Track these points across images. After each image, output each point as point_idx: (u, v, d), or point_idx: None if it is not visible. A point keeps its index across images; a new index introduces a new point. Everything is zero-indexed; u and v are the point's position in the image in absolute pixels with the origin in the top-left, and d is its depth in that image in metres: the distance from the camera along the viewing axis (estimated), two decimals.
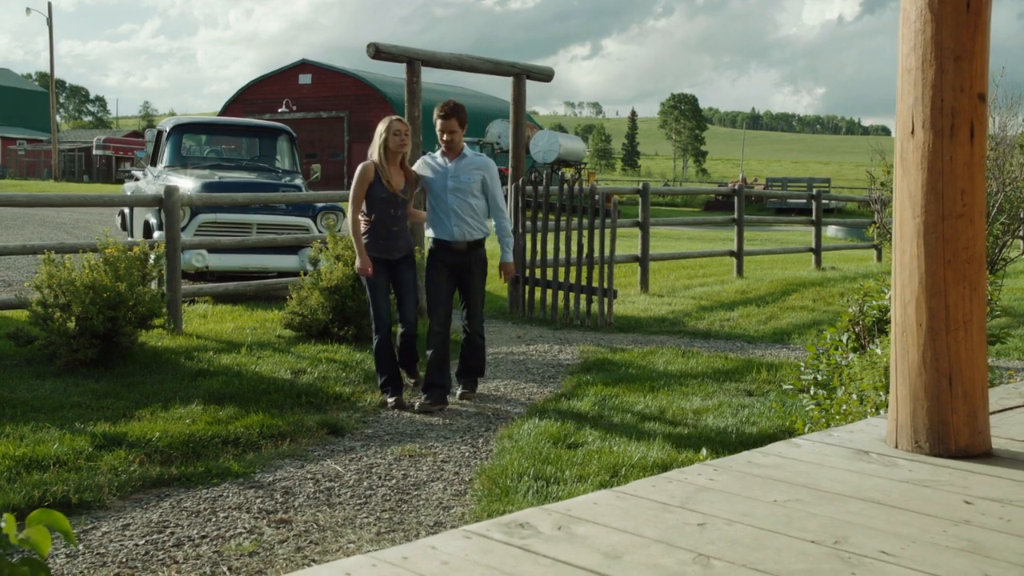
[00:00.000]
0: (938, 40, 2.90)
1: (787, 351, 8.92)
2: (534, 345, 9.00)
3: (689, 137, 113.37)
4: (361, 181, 6.28)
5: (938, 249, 2.95)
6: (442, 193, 6.42)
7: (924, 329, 2.99)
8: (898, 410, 3.09)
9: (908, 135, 3.00)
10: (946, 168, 2.93)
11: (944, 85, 2.91)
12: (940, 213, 2.94)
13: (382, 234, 6.34)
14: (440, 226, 6.47)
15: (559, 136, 39.71)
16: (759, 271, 14.60)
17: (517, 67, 10.77)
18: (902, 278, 3.05)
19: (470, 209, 6.46)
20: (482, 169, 6.50)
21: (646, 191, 12.52)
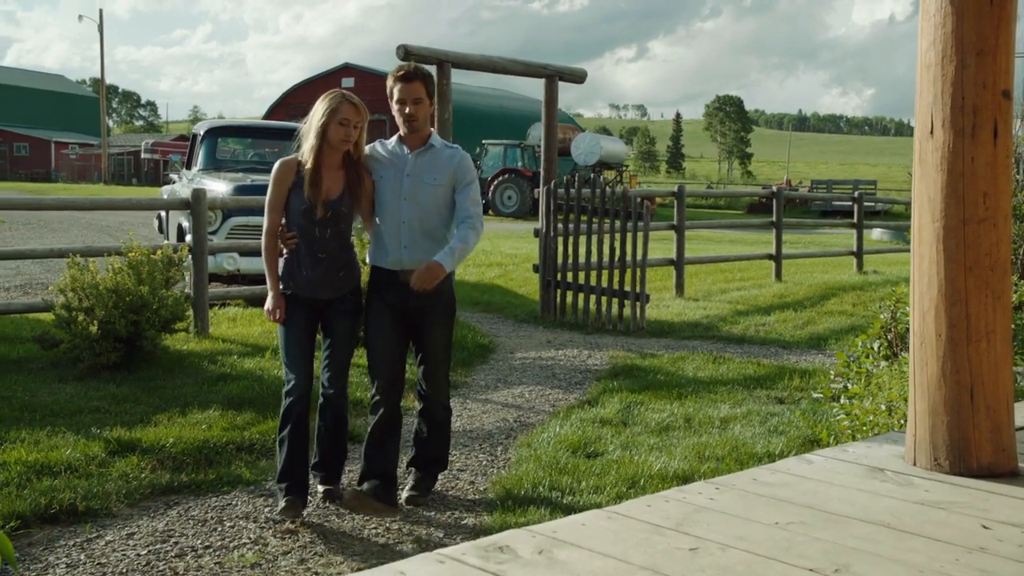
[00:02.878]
0: (959, 34, 2.73)
1: (823, 357, 8.70)
2: (563, 350, 8.86)
3: (734, 139, 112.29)
4: (276, 183, 4.39)
5: (958, 255, 2.78)
6: (392, 197, 4.40)
7: (944, 340, 2.83)
8: (916, 425, 2.93)
9: (927, 135, 2.84)
10: (967, 170, 2.76)
11: (965, 82, 2.74)
12: (961, 217, 2.78)
13: (304, 262, 4.38)
14: (382, 247, 4.46)
15: (600, 138, 39.49)
16: (798, 275, 14.33)
17: (549, 68, 10.66)
18: (920, 286, 2.88)
19: (431, 225, 4.41)
20: (455, 166, 4.48)
21: (681, 194, 12.33)
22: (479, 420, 6.33)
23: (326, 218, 4.35)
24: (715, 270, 14.57)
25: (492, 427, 6.16)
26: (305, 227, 4.36)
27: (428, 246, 4.40)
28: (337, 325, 4.48)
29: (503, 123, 45.29)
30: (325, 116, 4.28)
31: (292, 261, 4.43)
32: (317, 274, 4.41)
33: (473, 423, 6.24)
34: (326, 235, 4.39)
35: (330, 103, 4.28)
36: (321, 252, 4.39)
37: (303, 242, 4.38)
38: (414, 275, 4.27)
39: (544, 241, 10.56)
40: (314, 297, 4.44)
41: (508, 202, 32.56)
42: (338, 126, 4.28)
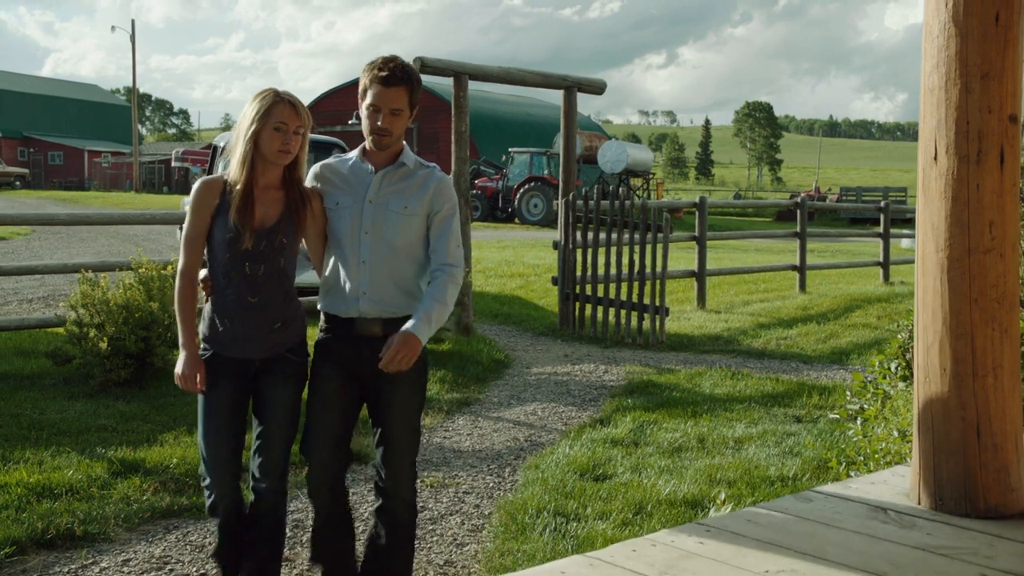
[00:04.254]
0: (963, 57, 2.62)
1: (844, 373, 8.54)
2: (580, 365, 8.76)
3: (764, 145, 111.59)
4: (195, 209, 3.37)
5: (963, 286, 2.67)
6: (350, 228, 3.45)
7: (949, 374, 2.71)
8: (921, 462, 2.81)
9: (931, 161, 2.72)
10: (972, 197, 2.65)
11: (970, 106, 2.63)
12: (966, 247, 2.66)
13: (229, 310, 3.37)
14: (336, 291, 3.50)
15: (627, 146, 39.29)
16: (823, 286, 14.13)
17: (568, 79, 10.57)
18: (924, 318, 2.77)
19: (397, 265, 3.47)
20: (432, 191, 3.48)
21: (703, 205, 12.20)
22: (489, 439, 6.24)
23: (258, 250, 3.32)
24: (738, 281, 14.41)
25: (502, 446, 6.07)
26: (231, 263, 3.31)
27: (393, 293, 3.45)
28: (274, 395, 3.40)
29: (530, 131, 45.26)
30: (256, 121, 3.30)
31: (211, 310, 3.39)
32: (246, 326, 3.35)
33: (483, 442, 6.16)
34: (258, 273, 3.33)
35: (261, 104, 3.33)
36: (252, 295, 3.33)
37: (229, 283, 3.33)
38: (386, 353, 3.30)
39: (563, 254, 10.46)
40: (242, 358, 3.36)
41: (534, 210, 32.43)
42: (273, 132, 3.29)
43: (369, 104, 3.41)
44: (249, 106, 3.38)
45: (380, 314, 3.44)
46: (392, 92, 3.39)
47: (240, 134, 3.35)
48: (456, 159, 9.74)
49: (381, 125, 3.40)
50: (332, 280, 3.53)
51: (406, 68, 3.42)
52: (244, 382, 3.42)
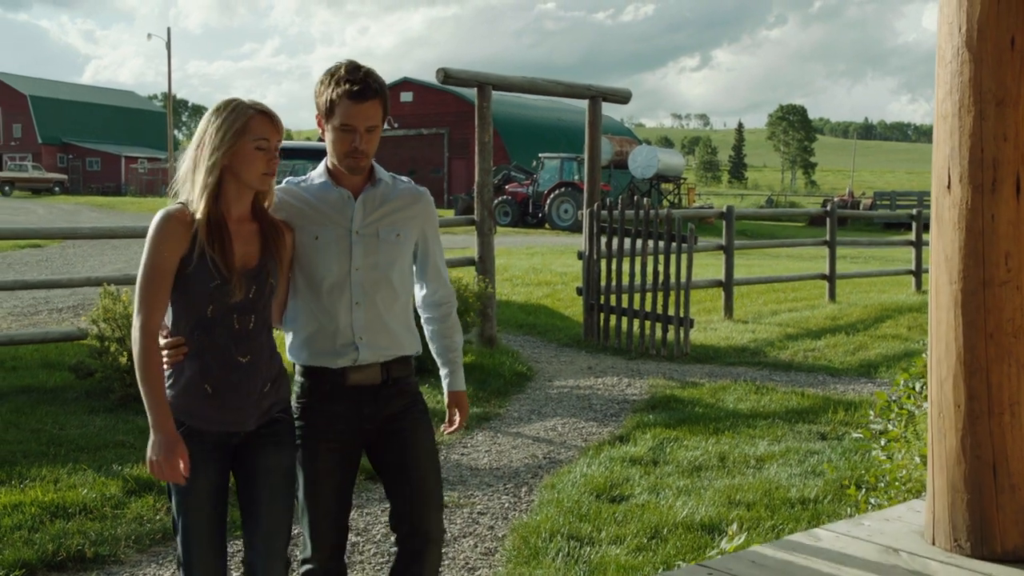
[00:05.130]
0: (977, 82, 2.53)
1: (872, 386, 8.40)
2: (603, 377, 8.68)
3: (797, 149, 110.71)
4: (159, 247, 2.71)
5: (978, 320, 2.57)
6: (337, 266, 2.98)
7: (963, 412, 2.62)
8: (935, 501, 2.72)
9: (944, 190, 2.64)
10: (987, 228, 2.55)
11: (984, 133, 2.54)
12: (981, 279, 2.57)
13: (212, 374, 2.77)
14: (322, 340, 3.00)
15: (658, 151, 39.15)
16: (854, 295, 13.93)
17: (593, 89, 10.50)
18: (938, 351, 2.68)
19: (394, 299, 3.06)
20: (422, 210, 3.13)
21: (730, 214, 12.07)
22: (507, 456, 6.18)
23: (247, 299, 2.77)
24: (767, 289, 14.24)
25: (520, 464, 6.01)
26: (215, 316, 2.74)
27: (392, 333, 3.04)
28: (267, 464, 2.85)
29: (560, 136, 45.20)
30: (229, 139, 2.73)
31: (188, 375, 2.76)
32: (237, 392, 2.77)
33: (501, 459, 6.10)
34: (248, 325, 2.79)
35: (232, 117, 2.75)
36: (242, 354, 2.77)
37: (211, 341, 2.75)
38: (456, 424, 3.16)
39: (587, 264, 10.39)
40: (228, 431, 2.80)
41: (564, 215, 32.38)
42: (253, 152, 2.75)
43: (340, 124, 2.92)
44: (213, 122, 2.78)
45: (379, 358, 3.01)
46: (366, 108, 2.91)
47: (203, 156, 2.75)
48: (480, 170, 9.70)
49: (359, 147, 2.93)
50: (310, 328, 3.00)
51: (376, 78, 2.97)
52: (225, 459, 2.83)
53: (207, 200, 2.75)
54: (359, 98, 2.89)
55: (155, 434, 2.67)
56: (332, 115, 2.92)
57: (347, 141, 2.92)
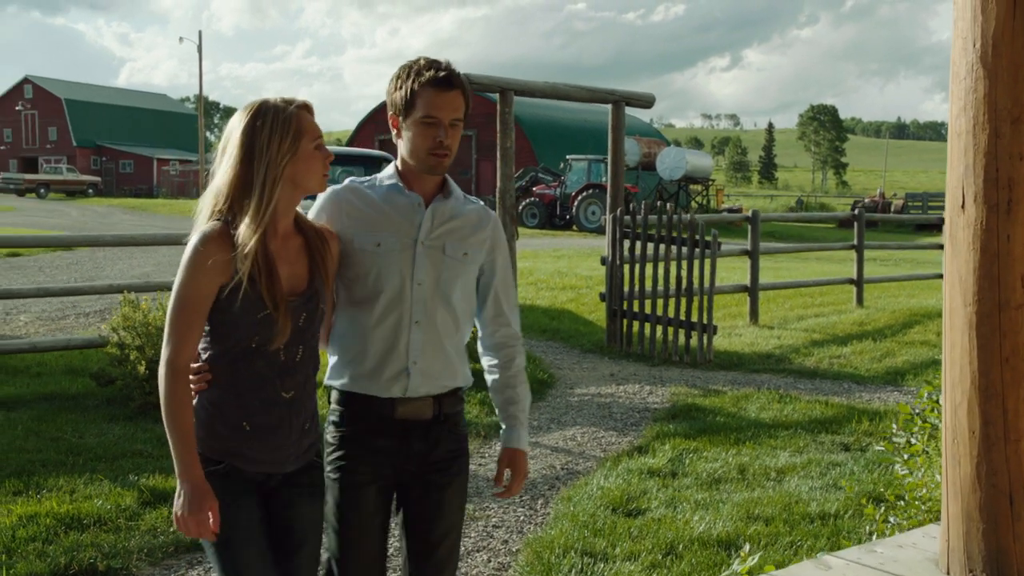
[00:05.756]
0: (992, 100, 2.46)
1: (898, 395, 8.27)
2: (624, 385, 8.61)
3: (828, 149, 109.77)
4: (198, 275, 2.42)
5: (994, 344, 2.50)
6: (395, 277, 2.69)
7: (978, 438, 2.54)
8: (950, 529, 2.64)
9: (958, 210, 2.56)
10: (1003, 249, 2.48)
11: (999, 152, 2.47)
12: (996, 302, 2.49)
13: (253, 412, 2.50)
14: (369, 362, 2.70)
15: (686, 152, 38.95)
16: (882, 299, 13.75)
17: (616, 94, 10.43)
18: (952, 375, 2.60)
19: (453, 323, 2.77)
20: (491, 231, 2.84)
21: (755, 219, 11.95)
22: None
23: (296, 328, 2.51)
24: (794, 294, 14.09)
25: (537, 475, 5.96)
26: (261, 350, 2.47)
27: (445, 363, 2.74)
28: (301, 514, 2.60)
29: (588, 137, 45.06)
30: (291, 144, 2.46)
31: (225, 412, 2.48)
32: (279, 432, 2.52)
33: None
34: (295, 358, 2.53)
35: (284, 119, 2.46)
36: (288, 390, 2.52)
37: (252, 375, 2.48)
38: (512, 484, 2.85)
39: (610, 270, 10.32)
40: (267, 472, 2.53)
41: (592, 217, 32.31)
42: (315, 153, 2.51)
43: (424, 116, 2.64)
44: (262, 131, 2.45)
45: (430, 390, 2.71)
46: (451, 98, 2.66)
47: (260, 170, 2.43)
48: (501, 176, 9.67)
49: (444, 142, 2.66)
50: (357, 347, 2.69)
51: (458, 71, 2.75)
52: (261, 497, 2.56)
53: (262, 216, 2.43)
54: (445, 86, 2.65)
55: (182, 484, 2.39)
56: (412, 108, 2.67)
57: (430, 136, 2.65)
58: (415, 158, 2.69)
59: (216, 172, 2.52)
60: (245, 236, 2.41)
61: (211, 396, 2.49)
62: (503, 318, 2.87)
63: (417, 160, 2.70)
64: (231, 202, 2.46)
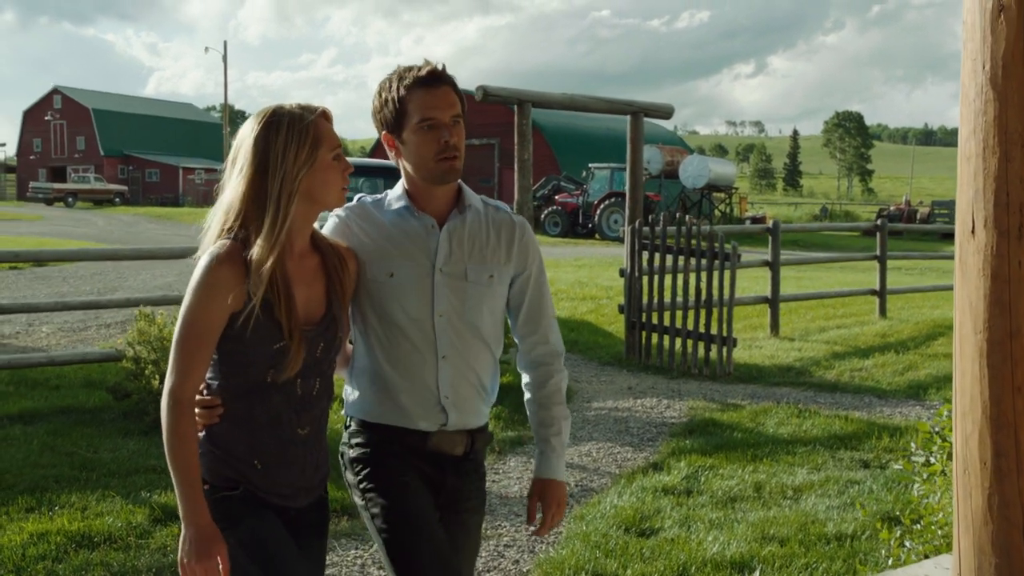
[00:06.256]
0: (1002, 123, 2.39)
1: (920, 409, 8.16)
2: (642, 399, 8.54)
3: (854, 155, 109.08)
4: (209, 300, 2.20)
5: (1005, 373, 2.43)
6: (417, 310, 2.48)
7: (990, 469, 2.47)
8: (961, 563, 2.57)
9: (968, 234, 2.50)
10: (1014, 275, 2.41)
11: (1010, 176, 2.40)
12: (1007, 329, 2.42)
13: (265, 450, 2.32)
14: (394, 395, 2.50)
15: (708, 160, 38.79)
16: (905, 310, 13.60)
17: (634, 105, 10.38)
18: (962, 404, 2.53)
19: (483, 354, 2.55)
20: (517, 245, 2.60)
21: (776, 229, 11.85)
22: None
23: (313, 358, 2.32)
24: (816, 305, 13.96)
25: None
26: (276, 384, 2.28)
27: (477, 395, 2.55)
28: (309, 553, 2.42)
29: (610, 146, 45.00)
30: (309, 154, 2.25)
31: (234, 450, 2.29)
32: (293, 471, 2.35)
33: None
34: (312, 391, 2.35)
35: (301, 127, 2.25)
36: (304, 426, 2.34)
37: (265, 411, 2.29)
38: (545, 519, 2.63)
39: (629, 282, 10.26)
40: (281, 505, 2.35)
41: (614, 226, 32.23)
42: (333, 165, 2.30)
43: (421, 121, 2.41)
44: (276, 140, 2.24)
45: (467, 424, 2.53)
46: (444, 94, 2.45)
47: (274, 183, 2.22)
48: (519, 187, 9.65)
49: (451, 141, 2.44)
50: (381, 383, 2.49)
51: (443, 66, 2.51)
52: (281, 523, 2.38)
53: (283, 240, 2.24)
54: (433, 83, 2.44)
55: (187, 528, 2.19)
56: (406, 117, 2.44)
57: (434, 139, 2.43)
58: (423, 170, 2.48)
59: (226, 185, 2.34)
60: (260, 256, 2.21)
61: (219, 431, 2.30)
62: (539, 334, 2.65)
63: (426, 171, 2.48)
64: (243, 218, 2.27)
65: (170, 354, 2.26)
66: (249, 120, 2.35)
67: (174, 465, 2.21)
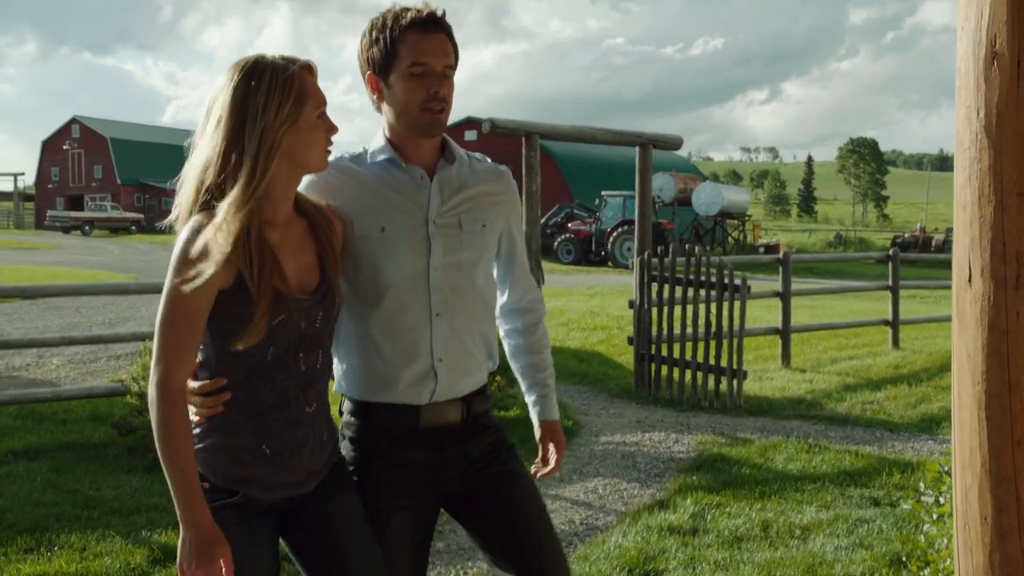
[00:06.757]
0: (997, 171, 2.35)
1: (932, 443, 8.06)
2: (651, 433, 8.47)
3: (869, 181, 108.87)
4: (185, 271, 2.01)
5: (1004, 426, 2.37)
6: (409, 266, 2.34)
7: (991, 525, 2.41)
8: None
9: (965, 283, 2.45)
10: (1012, 326, 2.36)
11: (1006, 225, 2.36)
12: (1006, 381, 2.37)
13: (271, 433, 2.16)
14: (390, 364, 2.35)
15: (722, 188, 38.77)
16: (919, 340, 13.47)
17: (643, 136, 10.36)
18: (962, 457, 2.48)
19: (479, 308, 2.46)
20: (506, 191, 2.54)
21: (787, 260, 11.79)
22: None
23: (314, 330, 2.17)
24: (828, 335, 13.85)
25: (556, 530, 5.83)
26: (277, 361, 2.12)
27: (473, 354, 2.44)
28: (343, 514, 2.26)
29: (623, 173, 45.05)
30: (292, 109, 2.06)
31: (241, 437, 2.14)
32: (301, 453, 2.19)
33: None
34: (316, 364, 2.20)
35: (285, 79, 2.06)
36: (310, 403, 2.19)
37: (268, 391, 2.12)
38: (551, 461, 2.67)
39: (638, 313, 10.21)
40: (287, 496, 2.22)
41: (627, 253, 32.20)
42: (317, 123, 2.13)
43: (412, 64, 2.25)
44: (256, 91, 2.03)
45: (459, 391, 2.41)
46: (439, 40, 2.28)
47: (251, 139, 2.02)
48: (527, 220, 9.62)
49: (440, 92, 2.28)
50: (370, 351, 2.34)
51: (443, 12, 2.33)
52: (276, 526, 2.27)
53: (249, 197, 2.02)
54: (432, 27, 2.26)
55: (186, 530, 2.03)
56: (395, 59, 2.28)
57: (423, 87, 2.27)
58: (406, 118, 2.34)
59: (198, 142, 2.13)
60: (227, 212, 2.00)
61: (220, 419, 2.14)
62: (528, 282, 2.65)
63: (409, 120, 2.34)
64: (221, 178, 2.07)
65: (154, 340, 2.08)
66: (227, 70, 2.13)
67: (168, 462, 2.05)
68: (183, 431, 2.06)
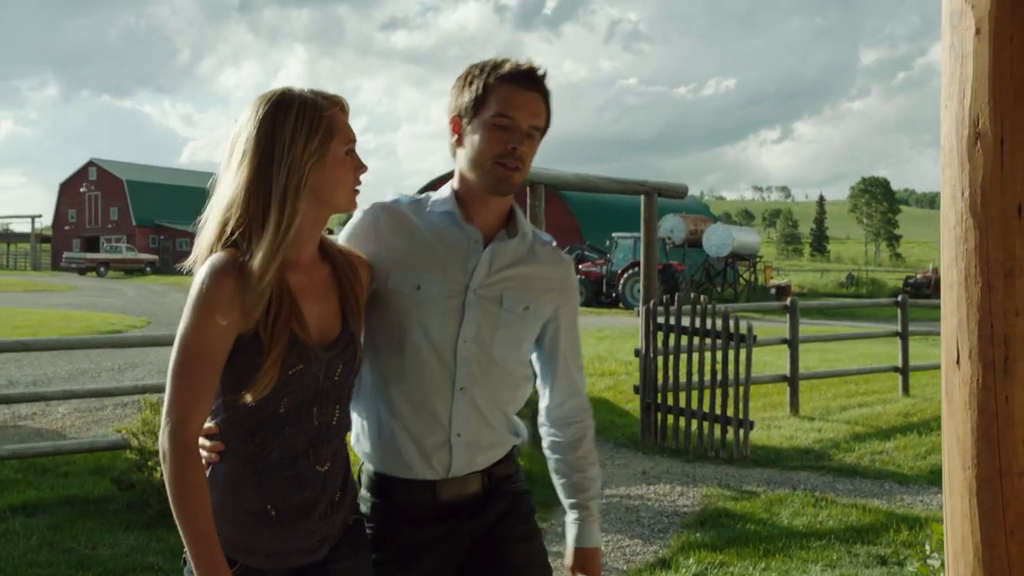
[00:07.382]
0: (984, 252, 2.31)
1: (942, 497, 7.90)
2: (656, 485, 8.37)
3: (881, 221, 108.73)
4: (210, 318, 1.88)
5: (997, 514, 2.31)
6: (439, 331, 2.18)
7: None
8: None
9: (953, 365, 2.40)
10: (1001, 410, 2.30)
11: (993, 307, 2.31)
12: (997, 467, 2.31)
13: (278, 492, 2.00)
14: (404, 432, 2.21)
15: (732, 229, 38.73)
16: (929, 387, 13.34)
17: (647, 185, 10.37)
18: (954, 544, 2.41)
19: (506, 389, 2.29)
20: (563, 282, 2.37)
21: (794, 307, 11.72)
22: None
23: (331, 382, 2.03)
24: (838, 381, 13.73)
25: None
26: (290, 415, 1.99)
27: (494, 432, 2.29)
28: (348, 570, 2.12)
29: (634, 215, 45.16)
30: (319, 146, 1.95)
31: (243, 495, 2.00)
32: (309, 514, 2.04)
33: None
34: (332, 420, 2.05)
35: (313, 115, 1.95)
36: (323, 462, 2.04)
37: (277, 446, 1.98)
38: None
39: (644, 362, 10.14)
40: (295, 566, 2.06)
41: (638, 295, 32.10)
42: (346, 160, 2.01)
43: (496, 115, 2.12)
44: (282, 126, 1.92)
45: (477, 466, 2.27)
46: (532, 99, 2.16)
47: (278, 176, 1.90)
48: None
49: (519, 150, 2.13)
50: (381, 414, 2.22)
51: (544, 75, 2.21)
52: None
53: (288, 243, 1.92)
54: (527, 82, 2.14)
55: None
56: (483, 106, 2.15)
57: (502, 140, 2.13)
58: (478, 169, 2.19)
59: (221, 180, 2.01)
60: (260, 265, 1.89)
61: (222, 473, 1.99)
62: (572, 385, 2.43)
63: (480, 172, 2.19)
64: (246, 219, 1.94)
65: (167, 387, 1.93)
66: (252, 102, 2.01)
67: (185, 520, 1.89)
68: (200, 486, 1.90)
